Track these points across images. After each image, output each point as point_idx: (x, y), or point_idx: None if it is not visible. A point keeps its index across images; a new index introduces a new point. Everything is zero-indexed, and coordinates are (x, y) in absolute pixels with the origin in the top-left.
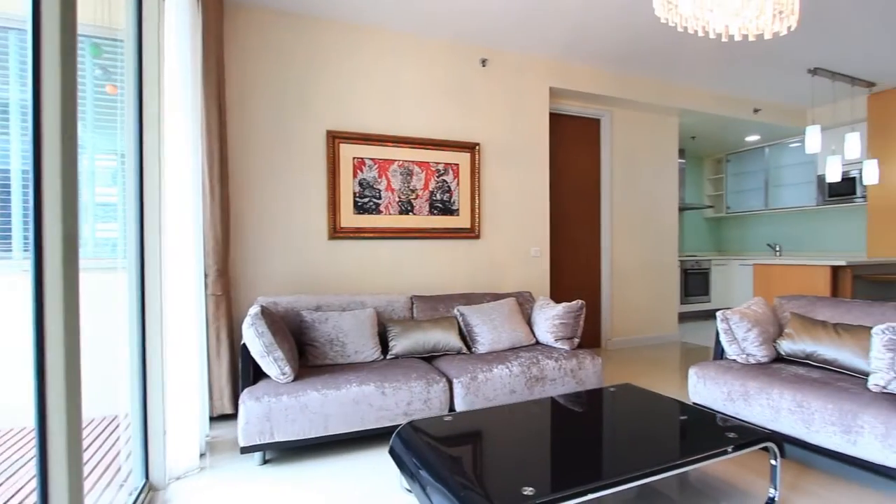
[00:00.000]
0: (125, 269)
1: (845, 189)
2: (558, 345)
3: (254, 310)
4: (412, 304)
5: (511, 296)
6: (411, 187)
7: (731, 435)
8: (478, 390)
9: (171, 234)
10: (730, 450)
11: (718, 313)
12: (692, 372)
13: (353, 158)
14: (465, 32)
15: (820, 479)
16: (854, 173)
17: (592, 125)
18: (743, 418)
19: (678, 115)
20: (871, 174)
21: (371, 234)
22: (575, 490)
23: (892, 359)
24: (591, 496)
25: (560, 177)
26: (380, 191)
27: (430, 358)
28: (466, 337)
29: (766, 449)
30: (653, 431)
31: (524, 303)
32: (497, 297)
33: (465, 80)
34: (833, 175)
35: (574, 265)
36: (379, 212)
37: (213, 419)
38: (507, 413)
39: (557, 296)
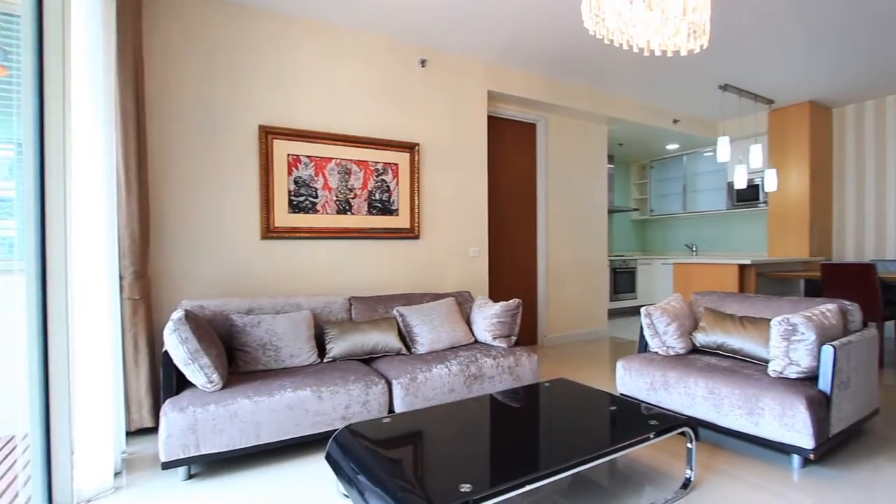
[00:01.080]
0: (24, 271)
1: (750, 195)
2: (496, 343)
3: (177, 314)
4: (350, 305)
5: (450, 296)
6: (349, 186)
7: (653, 422)
8: (417, 391)
9: (80, 233)
10: (652, 436)
11: (642, 309)
12: (619, 365)
13: (288, 155)
14: (404, 31)
15: (729, 459)
16: (758, 181)
17: (529, 129)
18: (664, 406)
19: (607, 123)
20: (771, 182)
21: (307, 234)
22: (510, 483)
23: (787, 347)
24: (526, 488)
25: (498, 179)
26: (316, 189)
27: (369, 360)
28: (406, 337)
29: (683, 433)
30: (584, 423)
31: (463, 302)
32: (437, 297)
33: (404, 79)
34: (740, 182)
35: (512, 265)
36: (315, 211)
37: (130, 434)
38: (446, 412)
39: (496, 295)
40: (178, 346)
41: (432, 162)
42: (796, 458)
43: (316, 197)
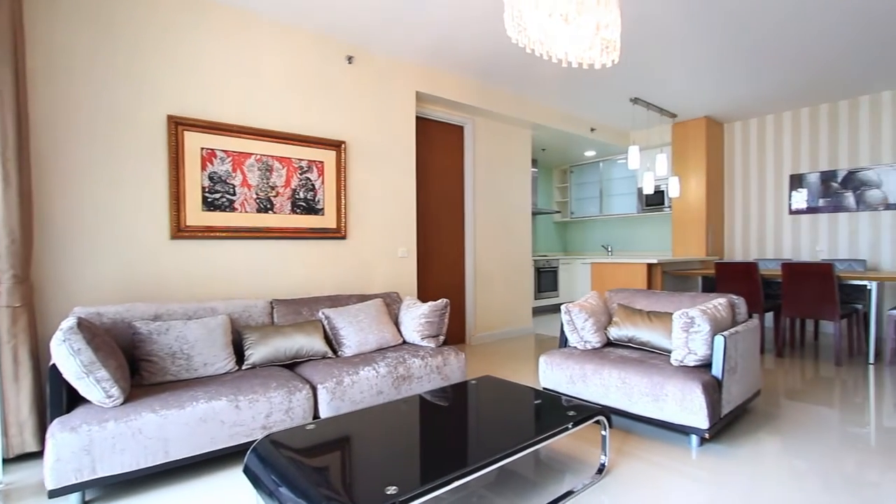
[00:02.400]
0: None
1: (657, 200)
2: (424, 343)
3: (67, 323)
4: (272, 308)
5: (379, 297)
6: (271, 184)
7: (571, 413)
8: (344, 394)
9: None
10: (570, 426)
11: (562, 306)
12: (542, 360)
13: (202, 149)
14: (331, 26)
15: (639, 442)
16: (663, 187)
17: (457, 131)
18: (583, 397)
19: (531, 128)
20: (674, 189)
21: (224, 234)
22: (436, 483)
23: (687, 338)
24: (452, 485)
25: (427, 179)
26: (234, 186)
27: (292, 365)
28: (332, 340)
29: (598, 422)
30: (508, 418)
31: (392, 303)
32: (364, 298)
33: (331, 75)
34: (648, 188)
35: (441, 265)
36: (233, 209)
37: (8, 461)
38: (373, 415)
39: (424, 295)
40: (68, 358)
41: (360, 161)
42: (694, 438)
43: (234, 194)
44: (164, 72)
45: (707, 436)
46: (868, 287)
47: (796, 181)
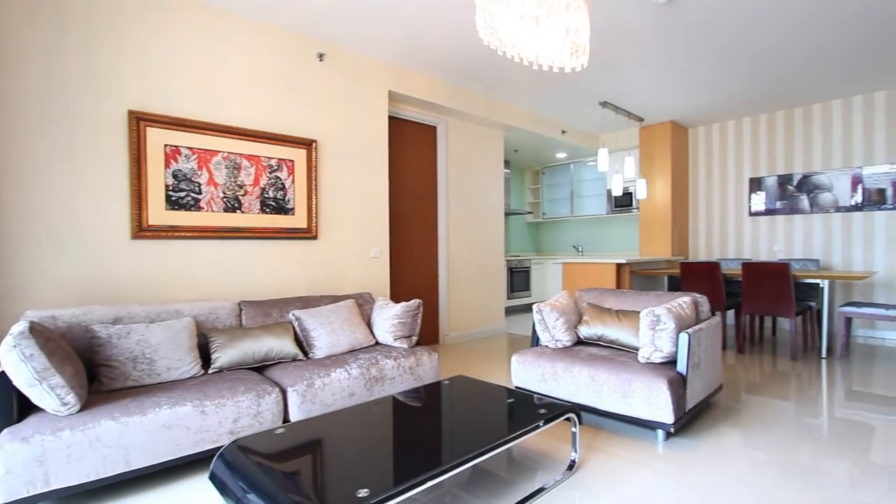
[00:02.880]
0: None
1: (626, 201)
2: (397, 344)
3: (18, 327)
4: (241, 310)
5: (350, 297)
6: (239, 183)
7: (542, 411)
8: (315, 397)
9: None
10: (541, 424)
11: (534, 306)
12: (514, 359)
13: (166, 146)
14: (301, 22)
15: (608, 438)
16: (631, 189)
17: (430, 132)
18: (554, 395)
19: (504, 130)
20: (641, 191)
21: (190, 234)
22: (407, 484)
23: (653, 335)
24: (425, 486)
25: (399, 179)
26: (200, 185)
27: (262, 368)
28: (303, 342)
29: (569, 419)
30: (480, 417)
31: (364, 304)
32: (336, 299)
33: (301, 73)
34: (617, 190)
35: (413, 265)
36: (199, 208)
37: None
38: (345, 417)
39: (397, 296)
40: (19, 364)
41: (331, 160)
42: (660, 433)
43: (199, 193)
44: (125, 66)
45: (672, 430)
46: (821, 285)
47: (755, 184)
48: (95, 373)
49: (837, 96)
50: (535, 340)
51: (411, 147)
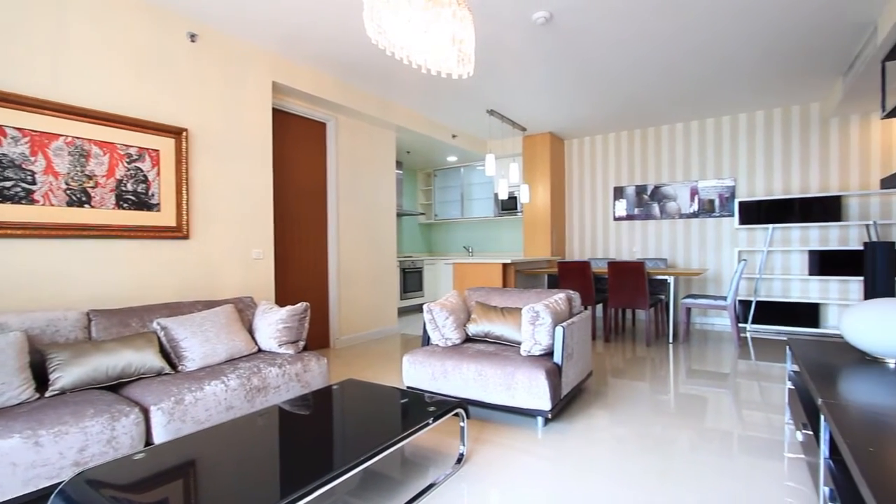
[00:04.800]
0: None
1: (511, 205)
2: (283, 350)
3: None
4: (90, 321)
5: (229, 302)
6: (88, 173)
7: (432, 409)
8: (185, 414)
9: None
10: (431, 421)
11: (424, 306)
12: (405, 359)
13: None
14: None
15: (495, 429)
16: (516, 193)
17: (319, 128)
18: (444, 392)
19: (396, 131)
20: (524, 195)
21: (18, 232)
22: (292, 497)
23: (533, 330)
24: (313, 496)
25: (286, 176)
26: (34, 173)
27: (118, 386)
28: (171, 354)
29: (457, 414)
30: (371, 419)
31: (245, 309)
32: (212, 304)
33: (170, 53)
34: (503, 194)
35: (301, 266)
36: (32, 201)
37: None
38: (222, 433)
39: (284, 299)
40: None
41: (207, 152)
42: (540, 419)
43: (33, 183)
44: None
45: (550, 416)
46: (668, 281)
47: (618, 193)
48: None
49: (679, 120)
50: (425, 340)
51: (299, 143)
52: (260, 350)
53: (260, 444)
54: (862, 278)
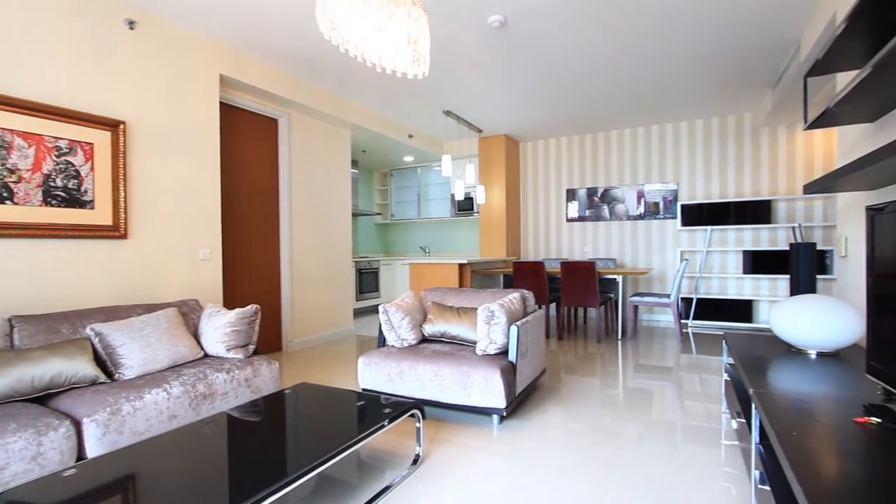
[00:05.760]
0: None
1: (467, 206)
2: (231, 355)
3: None
4: (11, 327)
5: (172, 305)
6: (10, 166)
7: (387, 410)
8: (123, 426)
9: None
10: (386, 423)
11: (380, 307)
12: (360, 361)
13: None
14: None
15: (451, 428)
16: (472, 194)
17: (271, 124)
18: (400, 393)
19: (351, 129)
20: (480, 196)
21: None
22: None
23: (489, 329)
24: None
25: (236, 173)
26: None
27: (46, 398)
28: (107, 361)
29: (413, 415)
30: (324, 423)
31: (190, 312)
32: (153, 308)
33: (105, 40)
34: (459, 194)
35: (252, 267)
36: None
37: None
38: (164, 444)
39: (232, 301)
40: None
41: (147, 146)
42: (495, 417)
43: None
44: None
45: (505, 414)
46: (617, 280)
47: (571, 195)
48: None
49: (627, 126)
50: (381, 341)
51: (250, 139)
52: (206, 355)
53: (206, 453)
54: (789, 276)
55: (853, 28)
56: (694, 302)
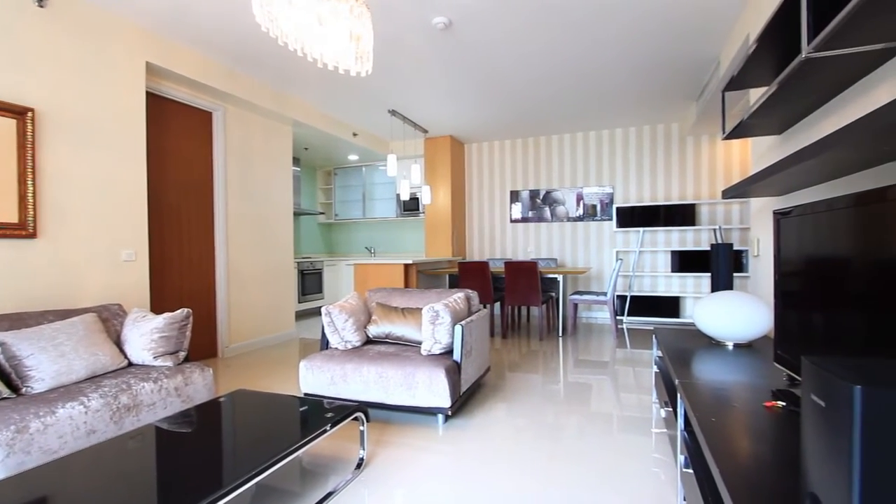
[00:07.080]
0: None
1: (413, 206)
2: (159, 363)
3: None
4: None
5: (90, 311)
6: None
7: (330, 415)
8: (30, 445)
9: None
10: (328, 428)
11: (322, 308)
12: (302, 365)
13: None
14: None
15: (397, 430)
16: (418, 194)
17: (205, 117)
18: (344, 397)
19: (292, 125)
20: (426, 196)
21: None
22: None
23: (433, 329)
24: None
25: (166, 168)
26: None
27: None
28: (11, 374)
29: (357, 419)
30: (262, 431)
31: (111, 318)
32: (67, 314)
33: (9, 18)
34: (405, 195)
35: (184, 269)
36: None
37: None
38: (79, 462)
39: (162, 305)
40: None
41: (61, 137)
42: (440, 417)
43: None
44: None
45: (450, 413)
46: (558, 279)
47: (514, 196)
48: None
49: (567, 131)
50: (324, 343)
51: (181, 132)
52: (131, 364)
53: (131, 469)
54: (710, 274)
55: (763, 48)
56: (628, 299)
